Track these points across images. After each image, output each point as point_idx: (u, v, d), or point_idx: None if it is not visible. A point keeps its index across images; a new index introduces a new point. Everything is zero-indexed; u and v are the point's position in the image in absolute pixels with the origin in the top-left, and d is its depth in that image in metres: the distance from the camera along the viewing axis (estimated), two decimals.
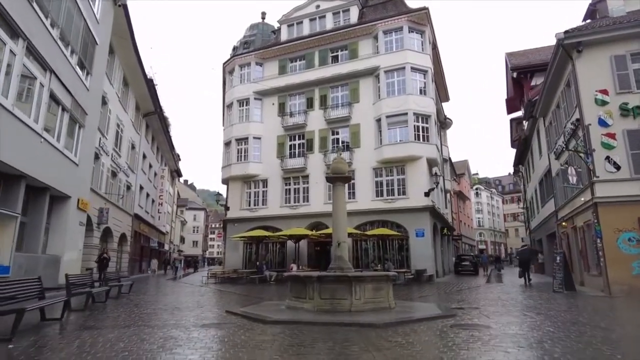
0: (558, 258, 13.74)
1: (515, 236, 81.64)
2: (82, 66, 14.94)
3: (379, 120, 24.52)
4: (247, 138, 27.84)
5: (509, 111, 30.18)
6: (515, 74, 24.32)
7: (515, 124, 37.91)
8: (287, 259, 25.06)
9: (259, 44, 30.32)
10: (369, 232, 21.39)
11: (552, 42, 16.70)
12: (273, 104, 28.21)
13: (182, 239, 77.27)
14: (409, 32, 25.21)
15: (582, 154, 13.11)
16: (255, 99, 28.52)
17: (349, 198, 24.63)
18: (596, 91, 13.50)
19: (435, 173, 22.55)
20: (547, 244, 23.79)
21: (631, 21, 13.78)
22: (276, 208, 26.48)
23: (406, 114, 23.67)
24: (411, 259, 22.39)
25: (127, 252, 28.03)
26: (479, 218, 71.83)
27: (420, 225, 22.45)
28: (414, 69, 24.55)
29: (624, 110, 13.33)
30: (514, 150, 33.72)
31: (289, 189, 26.70)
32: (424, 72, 24.90)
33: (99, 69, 16.96)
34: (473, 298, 12.59)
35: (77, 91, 14.39)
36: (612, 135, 13.13)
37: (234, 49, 31.42)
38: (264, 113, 28.38)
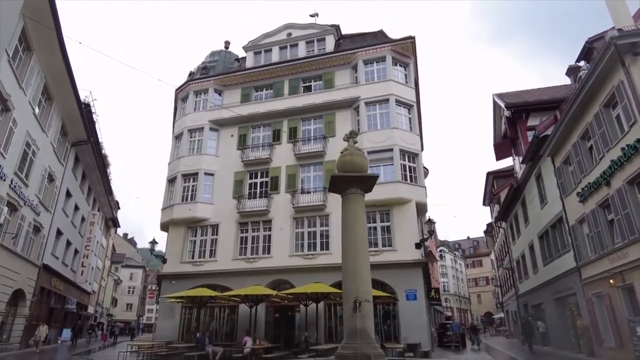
0: None
1: (478, 303, 78.13)
2: None
3: None
4: (196, 174, 22.87)
5: (498, 157, 27.67)
6: (509, 113, 21.81)
7: (492, 178, 35.71)
8: (239, 329, 19.27)
9: (219, 71, 26.49)
10: None
11: (538, 84, 14.03)
12: (232, 135, 23.80)
13: (114, 301, 66.81)
14: (393, 63, 22.44)
15: None
16: (211, 129, 24.03)
17: (321, 249, 19.97)
18: None
19: (429, 219, 18.56)
20: (555, 310, 19.87)
21: None
22: (227, 261, 21.04)
23: (391, 149, 20.06)
24: (400, 329, 17.50)
25: (23, 316, 20.94)
26: (444, 282, 68.03)
27: (412, 284, 17.89)
28: (399, 102, 21.43)
29: None
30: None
31: (246, 237, 21.53)
32: (409, 106, 21.84)
33: None
34: None
35: None
36: None
37: (190, 74, 27.36)
38: (220, 145, 23.79)
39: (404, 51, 22.65)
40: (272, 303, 19.33)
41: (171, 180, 23.65)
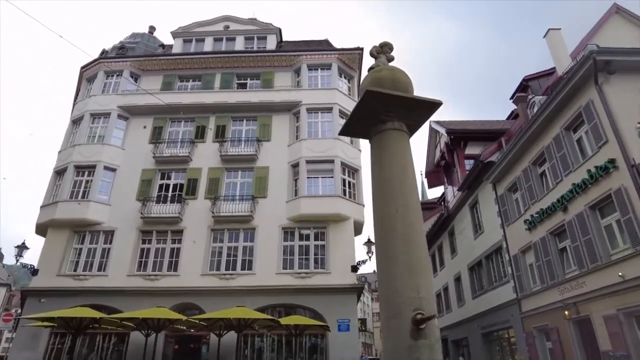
0: None
1: (380, 338, 78.50)
2: None
3: (295, 166, 18.44)
4: (94, 166, 18.61)
5: (430, 185, 27.46)
6: (448, 140, 21.49)
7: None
8: None
9: (140, 53, 22.70)
10: (282, 320, 13.62)
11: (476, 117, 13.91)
12: (145, 127, 20.05)
13: None
14: (338, 74, 21.07)
15: None
16: (119, 116, 20.07)
17: (242, 269, 16.98)
18: (639, 123, 10.06)
19: (369, 239, 16.73)
20: (482, 345, 19.03)
21: None
22: (121, 277, 16.90)
23: (332, 161, 18.19)
24: None
25: None
26: None
27: (345, 313, 15.61)
28: (342, 114, 19.82)
29: None
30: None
31: (148, 249, 17.63)
32: None
33: None
34: None
35: None
36: None
37: (103, 52, 23.10)
38: (128, 137, 19.87)
39: (350, 63, 21.47)
40: (174, 332, 15.66)
41: (59, 172, 19.00)
